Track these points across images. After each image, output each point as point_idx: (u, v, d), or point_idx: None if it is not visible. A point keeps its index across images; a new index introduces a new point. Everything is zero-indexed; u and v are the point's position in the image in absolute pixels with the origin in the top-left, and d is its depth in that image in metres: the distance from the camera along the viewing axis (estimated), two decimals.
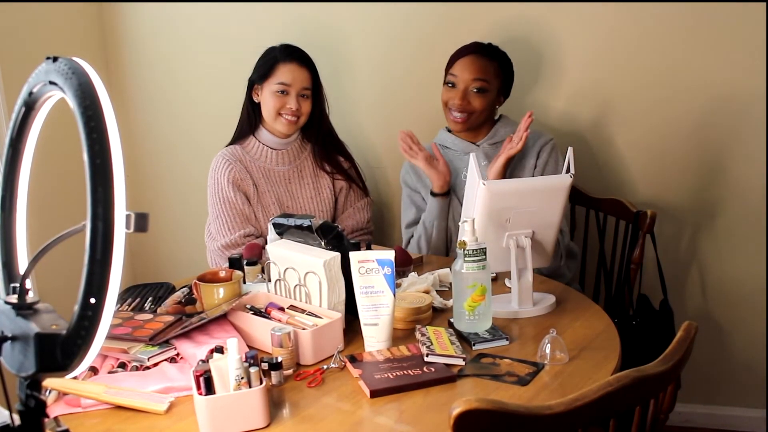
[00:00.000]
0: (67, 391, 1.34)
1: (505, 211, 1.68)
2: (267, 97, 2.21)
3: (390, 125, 2.63)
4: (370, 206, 2.40)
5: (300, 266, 1.62)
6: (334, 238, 1.65)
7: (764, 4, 2.18)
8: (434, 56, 2.50)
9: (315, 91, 2.26)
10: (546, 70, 2.43)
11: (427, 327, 1.57)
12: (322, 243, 1.64)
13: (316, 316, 1.57)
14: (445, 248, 2.25)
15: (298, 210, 2.28)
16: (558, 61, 2.40)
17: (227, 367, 1.26)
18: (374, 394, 1.33)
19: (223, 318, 1.63)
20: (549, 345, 1.44)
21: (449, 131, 2.29)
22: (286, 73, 2.19)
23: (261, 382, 1.26)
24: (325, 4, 2.56)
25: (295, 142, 2.31)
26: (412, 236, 2.28)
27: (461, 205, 2.17)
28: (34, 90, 0.84)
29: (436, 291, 1.84)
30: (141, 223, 0.75)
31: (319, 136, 2.32)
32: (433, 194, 2.20)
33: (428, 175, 2.19)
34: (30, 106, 0.85)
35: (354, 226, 2.33)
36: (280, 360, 1.40)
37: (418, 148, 2.19)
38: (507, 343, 1.54)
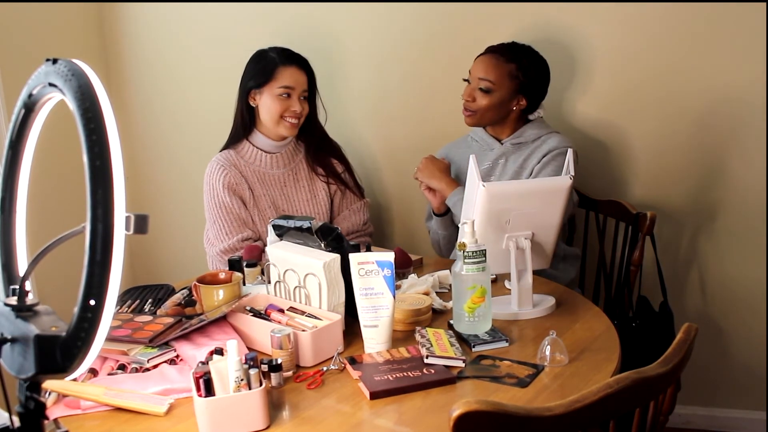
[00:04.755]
0: (67, 392, 1.34)
1: (505, 213, 1.68)
2: (268, 102, 2.20)
3: (386, 127, 2.63)
4: (368, 208, 2.39)
5: (300, 268, 1.62)
6: (334, 239, 1.65)
7: (764, 4, 2.18)
8: (433, 58, 2.51)
9: (311, 94, 2.26)
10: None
11: (427, 329, 1.57)
12: (322, 245, 1.64)
13: (316, 317, 1.57)
14: None
15: (294, 213, 2.27)
16: (557, 63, 2.40)
17: (227, 369, 1.26)
18: (374, 395, 1.33)
19: (222, 320, 1.63)
20: (549, 347, 1.44)
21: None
22: (288, 77, 2.19)
23: (261, 384, 1.26)
24: (326, 7, 2.56)
25: (289, 145, 2.30)
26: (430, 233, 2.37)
27: None
28: (34, 92, 0.84)
29: (436, 293, 1.84)
30: (141, 224, 0.76)
31: (312, 138, 2.32)
32: (434, 214, 2.27)
33: (427, 198, 2.26)
34: (30, 107, 0.85)
35: (350, 228, 2.32)
36: (279, 362, 1.40)
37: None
38: (507, 344, 1.54)
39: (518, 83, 2.16)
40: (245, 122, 2.27)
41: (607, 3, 2.31)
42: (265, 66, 2.22)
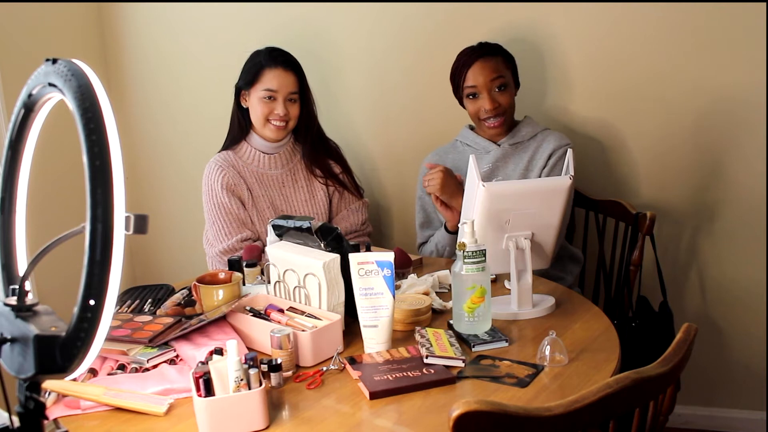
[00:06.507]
0: (67, 392, 1.34)
1: (505, 213, 1.68)
2: (254, 104, 2.20)
3: (385, 128, 2.63)
4: (366, 208, 2.38)
5: (299, 268, 1.62)
6: (334, 239, 1.65)
7: (764, 4, 2.18)
8: (431, 58, 2.50)
9: (302, 94, 2.24)
10: (546, 73, 2.43)
11: (427, 329, 1.57)
12: (322, 245, 1.64)
13: (316, 317, 1.57)
14: None
15: (293, 213, 2.27)
16: (557, 63, 2.40)
17: (227, 369, 1.26)
18: (374, 395, 1.33)
19: (222, 320, 1.63)
20: (548, 347, 1.44)
21: (471, 129, 2.30)
22: (272, 80, 2.17)
23: (260, 384, 1.26)
24: (325, 8, 2.56)
25: (286, 146, 2.30)
26: (425, 243, 2.30)
27: None
28: (34, 92, 0.84)
29: (436, 293, 1.84)
30: (140, 224, 0.76)
31: (308, 139, 2.31)
32: (446, 230, 2.19)
33: (443, 214, 2.14)
34: (29, 107, 0.86)
35: (348, 228, 2.32)
36: (279, 362, 1.40)
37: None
38: (506, 344, 1.54)
39: (511, 72, 2.21)
40: (241, 123, 2.27)
41: (607, 3, 2.31)
42: (251, 67, 2.21)
